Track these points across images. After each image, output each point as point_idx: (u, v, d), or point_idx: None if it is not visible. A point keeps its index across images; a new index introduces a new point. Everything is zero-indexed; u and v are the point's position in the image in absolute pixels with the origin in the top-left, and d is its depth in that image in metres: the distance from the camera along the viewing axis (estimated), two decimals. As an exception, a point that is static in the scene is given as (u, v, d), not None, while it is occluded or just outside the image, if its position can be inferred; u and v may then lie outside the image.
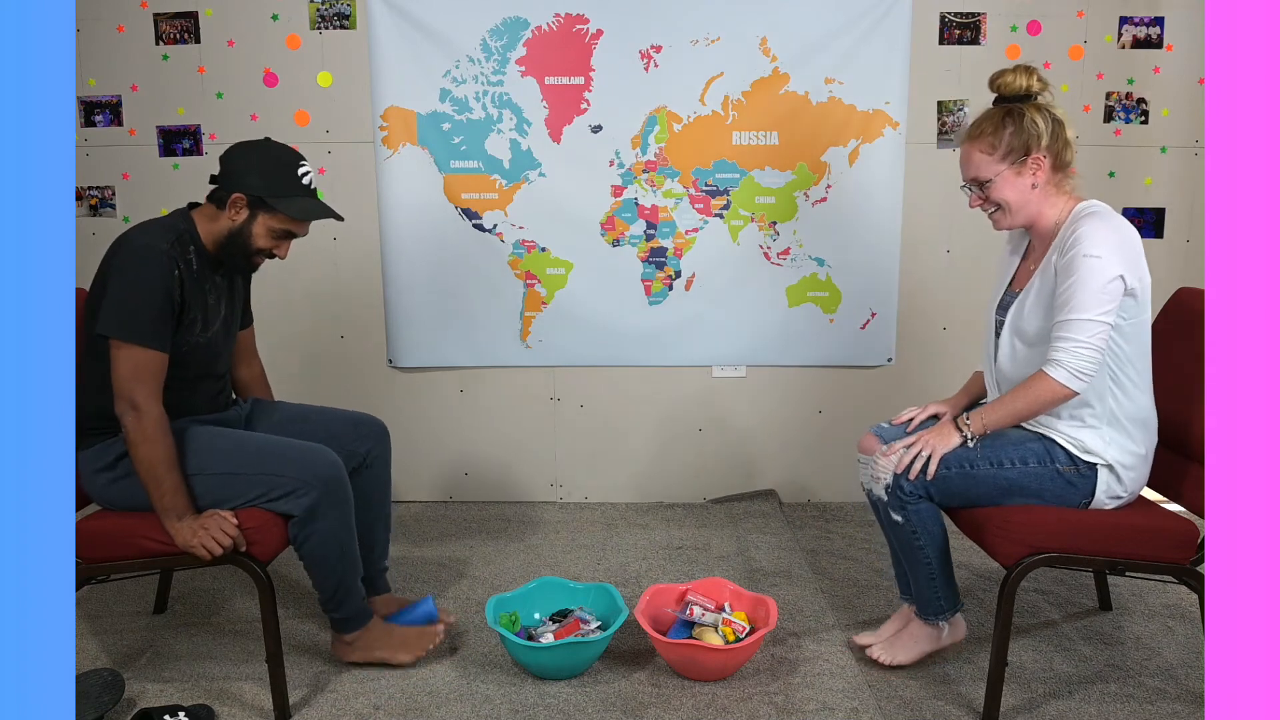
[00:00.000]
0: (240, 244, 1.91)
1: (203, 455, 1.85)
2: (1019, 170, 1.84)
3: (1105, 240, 1.74)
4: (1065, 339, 1.75)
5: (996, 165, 1.84)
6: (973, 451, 1.85)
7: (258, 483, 1.83)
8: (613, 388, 3.14)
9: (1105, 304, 1.73)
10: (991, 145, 1.84)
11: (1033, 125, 1.82)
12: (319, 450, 1.89)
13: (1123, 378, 1.82)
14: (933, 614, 2.01)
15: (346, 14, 2.92)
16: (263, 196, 1.87)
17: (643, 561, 2.69)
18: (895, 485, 1.88)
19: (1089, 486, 1.84)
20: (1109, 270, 1.73)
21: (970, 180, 1.90)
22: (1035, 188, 1.85)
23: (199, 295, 1.89)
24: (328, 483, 1.85)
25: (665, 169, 2.95)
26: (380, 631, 2.03)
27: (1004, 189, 1.85)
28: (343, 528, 1.90)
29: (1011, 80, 1.85)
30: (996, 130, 1.84)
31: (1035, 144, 1.82)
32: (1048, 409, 1.81)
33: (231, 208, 1.88)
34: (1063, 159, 1.86)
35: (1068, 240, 1.79)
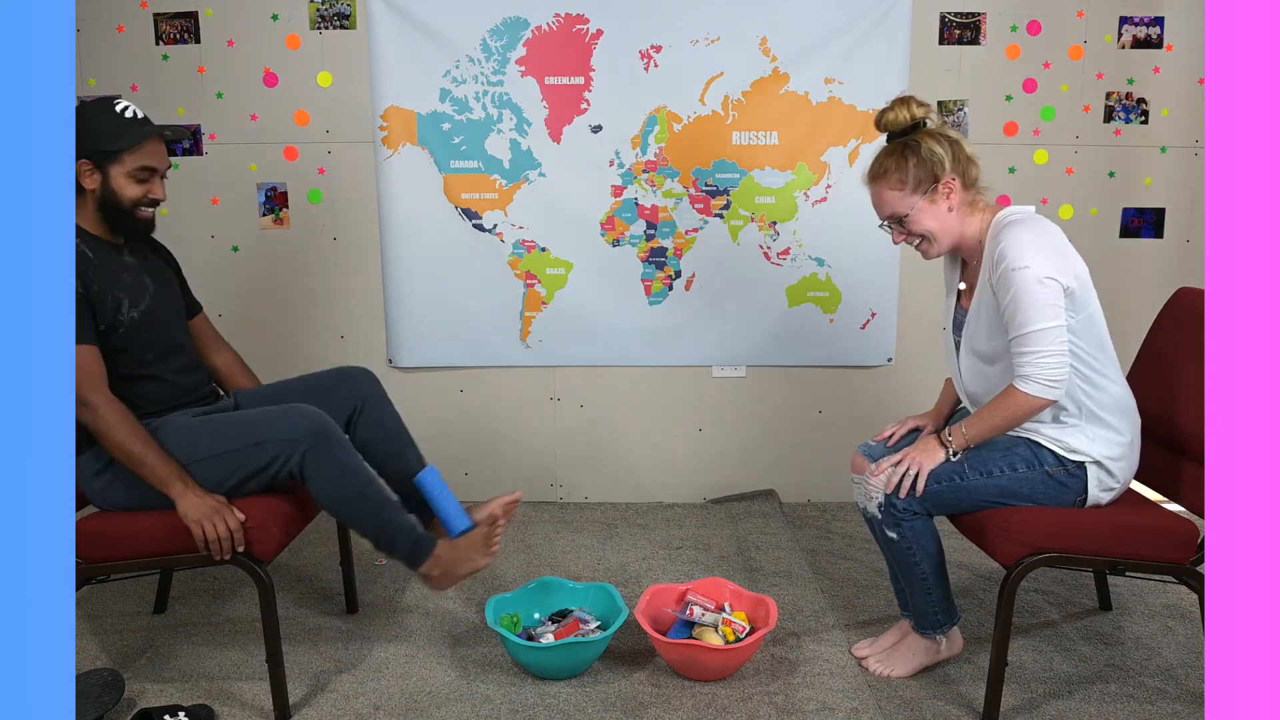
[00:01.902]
0: (115, 204, 1.88)
1: (187, 444, 1.85)
2: (932, 198, 1.85)
3: (1028, 247, 1.75)
4: (1026, 353, 1.76)
5: (910, 199, 1.85)
6: (961, 463, 1.86)
7: (246, 456, 1.83)
8: (613, 388, 3.14)
9: (1050, 309, 1.74)
10: (900, 181, 1.85)
11: (931, 153, 1.83)
12: (295, 407, 1.89)
13: (1088, 372, 1.83)
14: (930, 628, 2.02)
15: (346, 14, 2.92)
16: (100, 148, 1.83)
17: (643, 561, 2.69)
18: (888, 503, 1.89)
19: (1080, 484, 1.84)
20: (1039, 275, 1.73)
21: (888, 218, 1.91)
22: (952, 210, 1.87)
23: (109, 279, 1.87)
24: (312, 432, 1.84)
25: (665, 169, 2.95)
26: (450, 551, 1.95)
27: (923, 219, 1.86)
28: (345, 468, 1.86)
29: (894, 116, 1.88)
30: (900, 165, 1.85)
31: (940, 169, 1.84)
32: (1028, 419, 1.83)
33: (84, 179, 1.85)
34: (970, 176, 1.87)
35: (994, 256, 1.80)
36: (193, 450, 1.84)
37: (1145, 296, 3.00)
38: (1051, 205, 3.02)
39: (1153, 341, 2.12)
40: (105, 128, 1.84)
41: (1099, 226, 3.04)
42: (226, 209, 3.03)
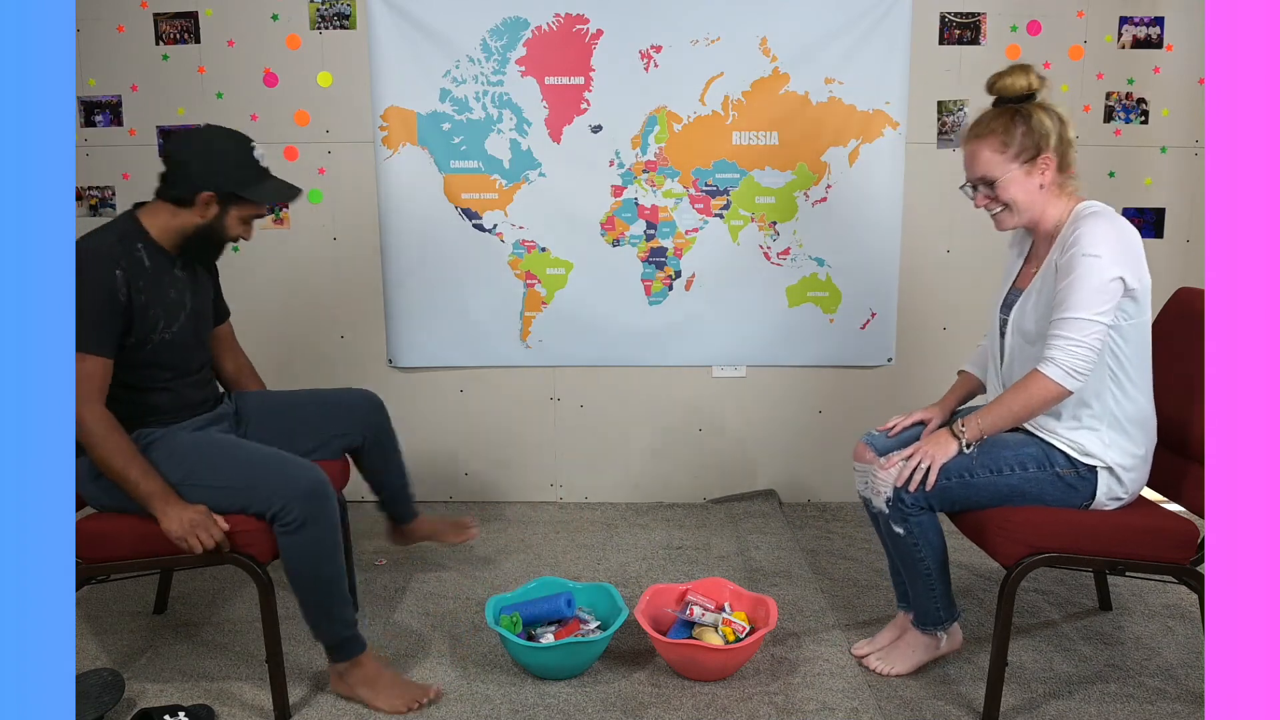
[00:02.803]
0: (214, 237, 1.92)
1: (185, 465, 1.83)
2: (1029, 170, 1.83)
3: (1105, 240, 1.74)
4: (1060, 337, 1.75)
5: (1008, 164, 1.83)
6: (971, 460, 1.84)
7: (238, 495, 1.81)
8: (613, 388, 3.14)
9: (1102, 304, 1.73)
10: (1003, 144, 1.82)
11: (1041, 125, 1.81)
12: (301, 464, 1.85)
13: (1122, 378, 1.82)
14: (931, 624, 2.01)
15: (346, 14, 2.92)
16: (234, 191, 1.87)
17: (643, 561, 2.69)
18: (896, 498, 1.87)
19: (1089, 489, 1.84)
20: (1108, 270, 1.72)
21: (978, 179, 1.87)
22: (1042, 188, 1.84)
23: (157, 292, 1.86)
24: (305, 499, 1.80)
25: (665, 169, 2.95)
26: (370, 670, 1.93)
27: (1013, 188, 1.84)
28: (319, 544, 1.82)
29: (1012, 82, 1.84)
30: (1008, 129, 1.82)
31: (1045, 143, 1.81)
32: (1043, 409, 1.80)
33: (200, 205, 1.86)
34: (1067, 159, 1.85)
35: (1068, 239, 1.79)
36: (188, 473, 1.83)
37: (1145, 296, 3.01)
38: (1051, 205, 3.02)
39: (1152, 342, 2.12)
40: (245, 171, 1.88)
41: (1099, 226, 3.04)
42: (226, 209, 3.02)
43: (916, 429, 2.09)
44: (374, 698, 1.91)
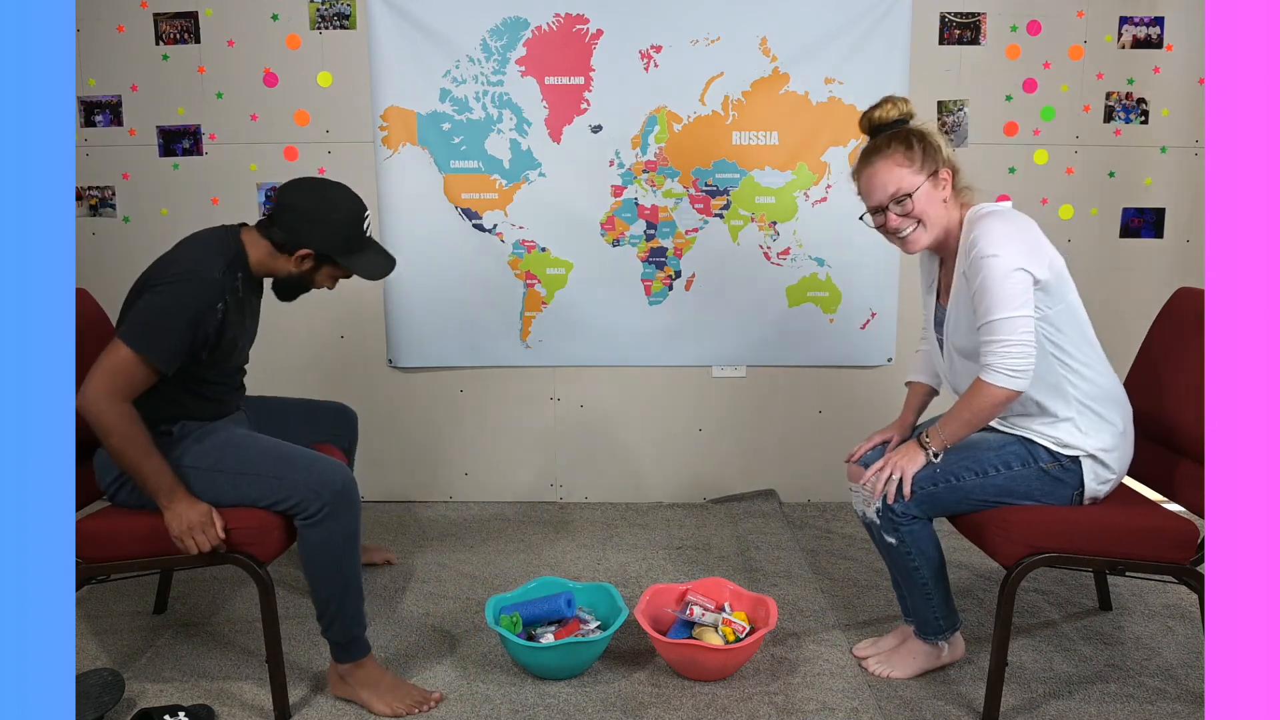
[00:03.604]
0: (301, 286, 1.99)
1: (219, 453, 1.85)
2: (933, 184, 1.84)
3: (1000, 235, 1.75)
4: (991, 342, 1.75)
5: (916, 176, 1.83)
6: (956, 464, 1.85)
7: (268, 485, 1.82)
8: (613, 388, 3.14)
9: (1017, 298, 1.73)
10: (907, 158, 1.83)
11: (933, 139, 1.84)
12: (331, 460, 1.88)
13: (1073, 364, 1.82)
14: (931, 634, 2.01)
15: (346, 14, 2.92)
16: (333, 255, 1.90)
17: (643, 561, 2.69)
18: (886, 509, 1.88)
19: (1076, 479, 1.84)
20: (1009, 264, 1.73)
21: (889, 198, 1.84)
22: (945, 202, 1.86)
23: (242, 322, 1.93)
24: (336, 494, 1.83)
25: (665, 169, 2.95)
26: (373, 673, 1.94)
27: (924, 202, 1.84)
28: (343, 540, 1.85)
29: (884, 113, 1.88)
30: (908, 145, 1.83)
31: (940, 157, 1.84)
32: (997, 412, 1.80)
33: (298, 259, 1.90)
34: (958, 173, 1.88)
35: (967, 245, 1.80)
36: (219, 459, 1.85)
37: (1145, 296, 3.01)
38: (1051, 205, 3.02)
39: (1152, 341, 2.12)
40: (351, 240, 1.91)
41: (1099, 226, 3.04)
42: (226, 209, 3.03)
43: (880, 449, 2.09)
44: (375, 701, 1.91)
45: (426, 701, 1.93)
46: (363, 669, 1.93)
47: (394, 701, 1.91)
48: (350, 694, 1.94)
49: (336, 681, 1.96)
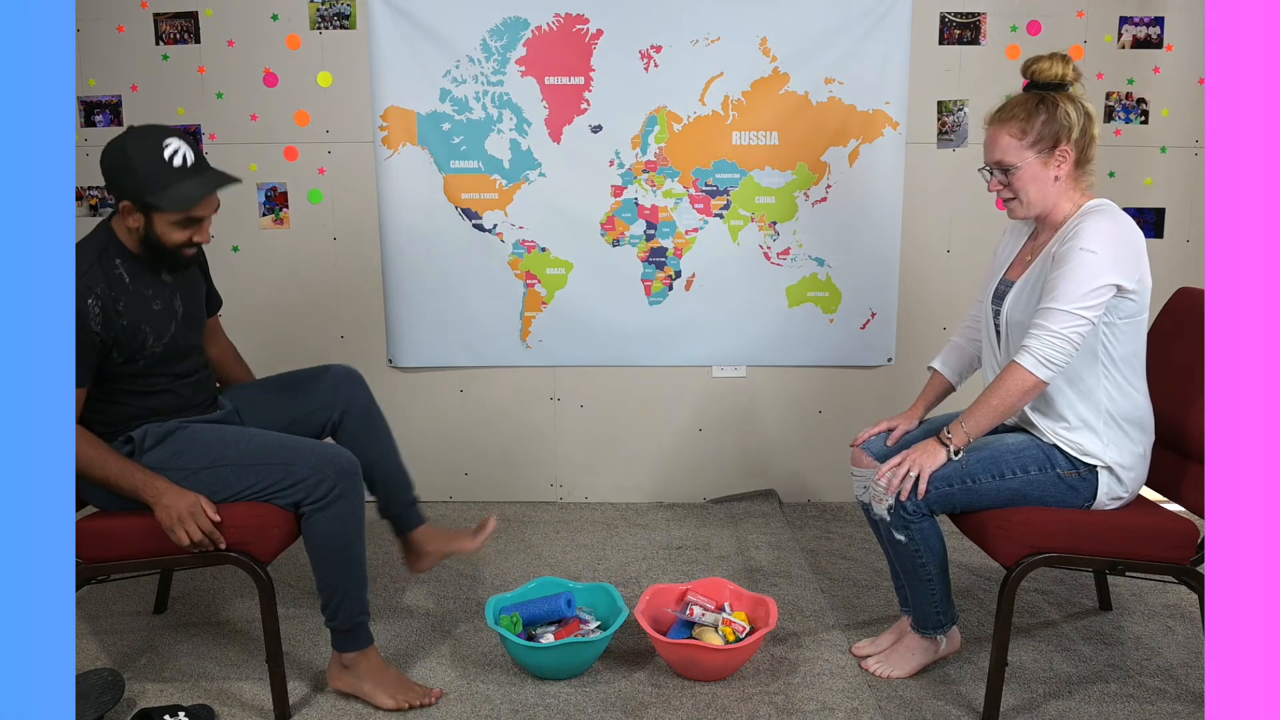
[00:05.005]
0: (157, 245, 1.81)
1: (216, 450, 1.84)
2: (1045, 161, 1.81)
3: (1105, 237, 1.73)
4: (1040, 327, 1.74)
5: (1024, 152, 1.81)
6: (974, 465, 1.84)
7: (273, 472, 1.81)
8: (613, 388, 3.14)
9: (1089, 300, 1.71)
10: (1022, 130, 1.81)
11: (1065, 116, 1.79)
12: (331, 445, 1.89)
13: (1118, 377, 1.82)
14: (930, 628, 2.01)
15: (346, 14, 2.92)
16: (143, 198, 1.74)
17: (643, 561, 2.69)
18: (898, 506, 1.86)
19: (1090, 489, 1.84)
20: (1100, 268, 1.71)
21: (993, 163, 1.85)
22: (1057, 180, 1.83)
23: (140, 309, 1.83)
24: (343, 472, 1.83)
25: (665, 169, 2.95)
26: (376, 664, 1.94)
27: (1026, 178, 1.82)
28: (351, 521, 1.84)
29: (1047, 67, 1.82)
30: (1029, 116, 1.80)
31: (1065, 136, 1.80)
32: (1022, 402, 1.78)
33: (126, 216, 1.79)
34: (1086, 155, 1.84)
35: (1069, 232, 1.78)
36: (217, 457, 1.83)
37: (1145, 296, 3.00)
38: (1051, 205, 3.02)
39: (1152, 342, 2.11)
40: (151, 176, 1.74)
41: (1099, 226, 3.04)
42: (226, 209, 3.00)
43: (917, 432, 2.09)
44: (376, 694, 1.91)
45: (428, 697, 1.93)
46: (366, 659, 1.93)
47: (397, 695, 1.91)
48: (352, 686, 1.93)
49: (338, 673, 1.95)
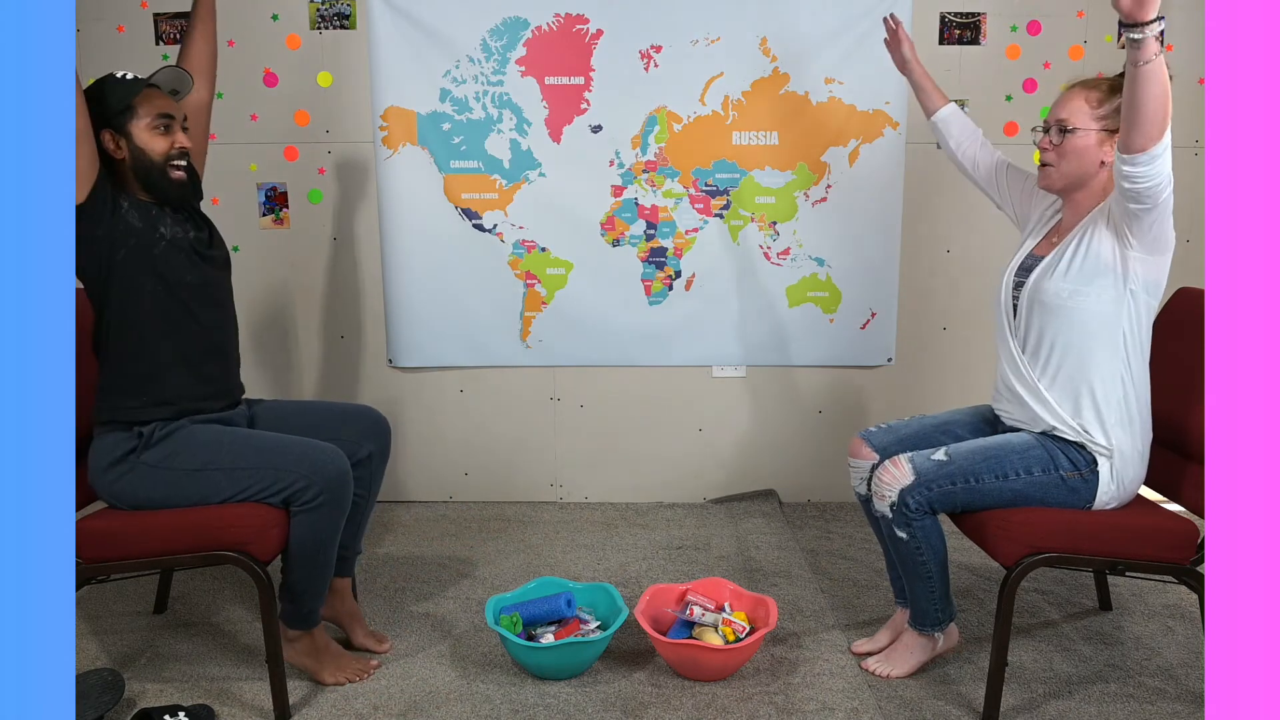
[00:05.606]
0: (147, 165, 1.89)
1: (209, 452, 1.86)
2: (1102, 140, 1.84)
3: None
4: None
5: (1089, 122, 1.84)
6: (979, 464, 1.85)
7: (264, 476, 1.84)
8: (613, 388, 3.14)
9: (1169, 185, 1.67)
10: (1100, 101, 1.84)
11: None
12: (329, 450, 1.90)
13: (1136, 369, 1.84)
14: (929, 625, 2.02)
15: (346, 14, 2.92)
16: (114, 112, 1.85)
17: (643, 561, 2.69)
18: (901, 503, 1.88)
19: (1091, 492, 1.84)
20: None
21: (1057, 120, 1.88)
22: (1103, 164, 1.85)
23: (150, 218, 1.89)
24: (331, 481, 1.86)
25: (665, 169, 2.95)
26: (320, 642, 2.02)
27: (1079, 146, 1.85)
28: (330, 527, 1.89)
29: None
30: (1109, 96, 1.83)
31: None
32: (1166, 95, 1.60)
33: (114, 151, 1.87)
34: None
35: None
36: (210, 459, 1.85)
37: (1145, 296, 3.00)
38: (1051, 205, 3.02)
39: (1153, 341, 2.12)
40: (110, 94, 1.86)
41: (1099, 226, 3.04)
42: (226, 209, 3.03)
43: (916, 426, 2.09)
44: (320, 669, 2.01)
45: (366, 670, 2.05)
46: (310, 638, 2.00)
47: (337, 671, 2.02)
48: (297, 660, 2.01)
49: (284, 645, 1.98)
